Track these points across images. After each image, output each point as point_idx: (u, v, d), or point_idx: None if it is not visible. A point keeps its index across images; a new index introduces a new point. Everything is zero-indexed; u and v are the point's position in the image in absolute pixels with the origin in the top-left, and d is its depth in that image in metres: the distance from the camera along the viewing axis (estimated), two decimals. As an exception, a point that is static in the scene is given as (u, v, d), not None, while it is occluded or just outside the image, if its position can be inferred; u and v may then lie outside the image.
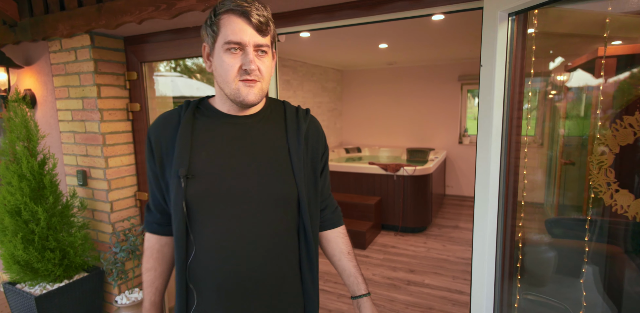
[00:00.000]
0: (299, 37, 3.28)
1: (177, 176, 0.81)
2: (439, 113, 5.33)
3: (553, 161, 2.12)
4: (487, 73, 1.23)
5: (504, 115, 1.24)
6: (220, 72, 0.81)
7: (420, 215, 3.94)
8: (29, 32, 2.06)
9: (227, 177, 0.83)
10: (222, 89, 0.83)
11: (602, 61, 1.27)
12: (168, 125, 0.87)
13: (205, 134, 0.86)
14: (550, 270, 1.98)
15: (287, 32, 1.77)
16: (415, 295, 2.64)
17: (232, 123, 0.88)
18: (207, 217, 0.83)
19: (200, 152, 0.84)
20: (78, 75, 2.03)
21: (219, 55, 0.80)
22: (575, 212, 2.12)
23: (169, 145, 0.85)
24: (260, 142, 0.88)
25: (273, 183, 0.85)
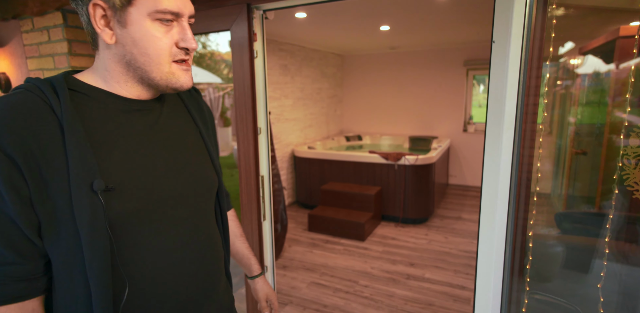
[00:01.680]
0: (294, 19, 3.07)
1: (91, 191, 0.56)
2: (443, 100, 5.13)
3: (562, 150, 1.97)
4: (500, 50, 1.07)
5: (518, 101, 1.08)
6: (147, 50, 0.61)
7: (421, 206, 3.81)
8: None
9: (156, 180, 0.65)
10: (146, 71, 0.63)
11: (637, 37, 1.10)
12: (36, 119, 0.55)
13: (105, 126, 0.62)
14: (558, 265, 1.85)
15: (276, 8, 1.59)
16: (414, 290, 2.53)
17: (138, 109, 0.67)
18: (142, 236, 0.63)
19: (110, 152, 0.61)
20: (52, 57, 1.87)
21: (139, 26, 0.59)
22: (585, 205, 1.98)
23: (50, 151, 0.56)
24: (173, 129, 0.72)
25: (200, 175, 0.73)
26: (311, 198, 4.35)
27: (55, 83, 0.60)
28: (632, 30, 1.34)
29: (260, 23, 1.62)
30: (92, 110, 0.62)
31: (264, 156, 1.70)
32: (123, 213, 0.60)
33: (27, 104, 0.56)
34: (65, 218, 0.57)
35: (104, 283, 0.58)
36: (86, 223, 0.56)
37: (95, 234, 0.57)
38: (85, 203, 0.56)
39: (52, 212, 0.57)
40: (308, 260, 3.05)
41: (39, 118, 0.56)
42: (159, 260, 0.65)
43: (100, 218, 0.57)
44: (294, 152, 4.44)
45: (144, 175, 0.64)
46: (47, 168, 0.55)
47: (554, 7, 1.18)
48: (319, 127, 5.15)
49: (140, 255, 0.63)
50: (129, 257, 0.62)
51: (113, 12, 0.59)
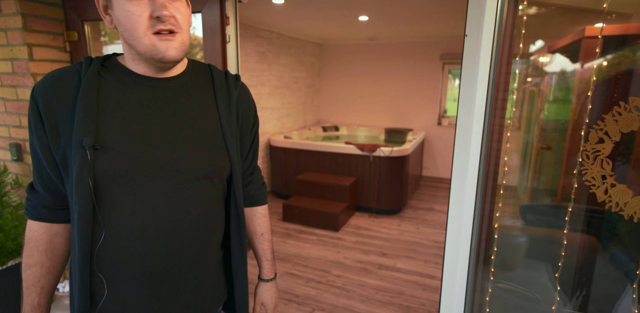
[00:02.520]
0: (272, 4, 2.99)
1: (82, 147, 0.67)
2: (419, 93, 5.18)
3: (529, 145, 2.04)
4: (472, 44, 1.07)
5: (488, 95, 1.09)
6: (127, 25, 0.67)
7: (395, 197, 3.87)
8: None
9: (147, 148, 0.71)
10: (134, 47, 0.69)
11: (599, 37, 1.12)
12: (63, 85, 0.69)
13: (116, 96, 0.72)
14: (521, 255, 1.93)
15: (250, -9, 1.53)
16: (385, 280, 2.59)
17: (150, 86, 0.74)
18: (121, 196, 0.71)
19: (112, 118, 0.70)
20: (4, 32, 1.73)
21: (119, 5, 0.66)
22: (549, 197, 2.06)
23: (66, 110, 0.69)
24: (186, 109, 0.76)
25: (203, 157, 0.76)
26: (286, 188, 4.34)
27: (94, 59, 0.74)
28: (597, 31, 1.38)
29: (233, 6, 1.56)
30: (109, 83, 0.72)
31: (235, 145, 1.66)
32: (106, 170, 0.68)
33: (64, 73, 0.71)
34: (69, 165, 0.69)
35: (84, 227, 0.69)
36: (75, 172, 0.67)
37: (80, 182, 0.67)
38: (77, 156, 0.67)
39: (62, 158, 0.70)
40: (282, 250, 3.05)
41: (66, 84, 0.69)
42: (130, 222, 0.71)
43: (85, 170, 0.67)
44: (270, 141, 4.39)
45: (135, 142, 0.70)
46: (62, 123, 0.69)
47: (525, 3, 1.19)
48: (295, 117, 5.10)
49: (116, 212, 0.71)
50: (107, 211, 0.70)
51: (107, 0, 0.69)
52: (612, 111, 0.78)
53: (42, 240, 0.76)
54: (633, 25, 1.35)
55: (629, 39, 1.36)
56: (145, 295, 0.74)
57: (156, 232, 0.72)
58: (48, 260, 0.77)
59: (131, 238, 0.71)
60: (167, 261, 0.74)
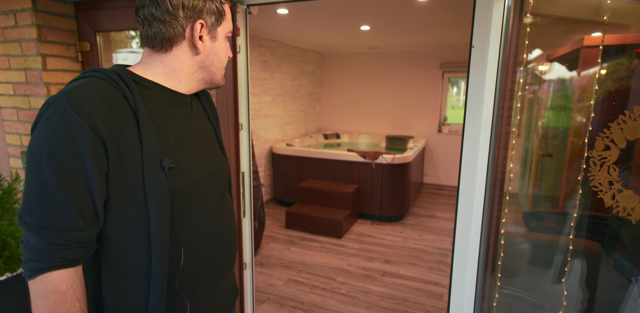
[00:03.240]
0: (276, 15, 3.05)
1: (160, 167, 0.68)
2: (420, 101, 5.24)
3: (529, 152, 2.07)
4: (479, 55, 1.11)
5: (495, 103, 1.13)
6: (222, 58, 0.80)
7: (397, 204, 3.89)
8: (-40, -8, 1.77)
9: (198, 162, 0.78)
10: (214, 74, 0.80)
11: (600, 47, 1.17)
12: (118, 105, 0.66)
13: (162, 115, 0.74)
14: (524, 262, 1.95)
15: (259, 3, 1.58)
16: (390, 287, 2.59)
17: (182, 102, 0.80)
18: (193, 209, 0.76)
19: (167, 137, 0.73)
20: (19, 42, 1.77)
21: (220, 41, 0.79)
22: (550, 204, 2.09)
23: (127, 132, 0.66)
24: (200, 121, 0.85)
25: (220, 162, 0.87)
26: (289, 196, 4.35)
27: (121, 75, 0.70)
28: (595, 41, 1.43)
29: (243, 18, 1.61)
30: (152, 101, 0.73)
31: (244, 152, 1.69)
32: (180, 187, 0.72)
33: (110, 92, 0.66)
34: (135, 191, 0.67)
35: (164, 250, 0.68)
36: (156, 194, 0.67)
37: (162, 205, 0.68)
38: (155, 178, 0.67)
39: (123, 185, 0.66)
40: (285, 257, 3.06)
41: (120, 105, 0.66)
42: (200, 230, 0.77)
43: (166, 191, 0.68)
44: (272, 148, 4.42)
45: (189, 157, 0.76)
46: (125, 147, 0.66)
47: (528, 15, 1.23)
48: (297, 124, 5.14)
49: (188, 225, 0.74)
50: (181, 227, 0.73)
51: (208, 29, 0.76)
52: (618, 119, 0.82)
53: (78, 287, 0.68)
54: (631, 35, 1.40)
55: (627, 49, 1.41)
56: (213, 293, 0.83)
57: (222, 236, 0.82)
58: (84, 304, 0.69)
59: (205, 247, 0.78)
60: (224, 257, 0.84)
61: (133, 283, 0.71)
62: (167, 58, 0.75)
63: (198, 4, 0.72)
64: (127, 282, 0.71)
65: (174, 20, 0.72)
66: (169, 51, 0.74)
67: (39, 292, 0.64)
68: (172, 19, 0.72)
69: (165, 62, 0.75)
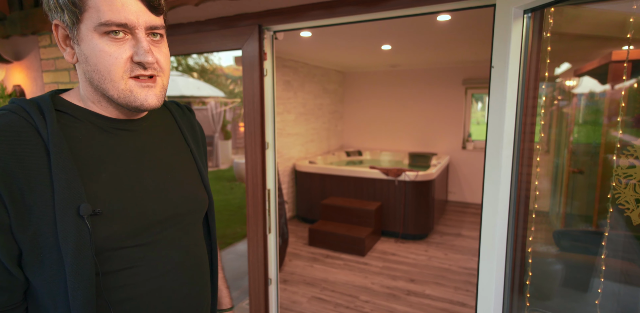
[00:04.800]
0: (299, 37, 3.19)
1: (77, 216, 0.53)
2: (443, 117, 5.23)
3: (560, 169, 2.03)
4: (499, 75, 1.14)
5: (516, 121, 1.15)
6: (99, 66, 0.57)
7: (421, 222, 3.83)
8: (19, 26, 1.98)
9: (144, 203, 0.63)
10: (103, 89, 0.59)
11: (625, 65, 1.17)
12: (21, 143, 0.53)
13: (94, 147, 0.60)
14: (557, 283, 1.88)
15: (285, 30, 1.68)
16: (415, 306, 2.53)
17: (123, 129, 0.64)
18: (130, 263, 0.60)
19: (97, 175, 0.59)
20: (68, 71, 1.94)
21: (90, 42, 0.56)
22: (583, 223, 2.02)
23: (33, 176, 0.53)
24: (163, 149, 0.70)
25: (190, 195, 0.71)
26: (312, 213, 4.37)
27: (41, 103, 0.58)
28: (624, 55, 1.42)
29: (270, 43, 1.70)
30: (78, 131, 0.59)
31: (270, 170, 1.75)
32: (110, 237, 0.57)
33: (12, 127, 0.54)
34: (49, 244, 0.54)
35: (87, 309, 0.55)
36: (71, 249, 0.53)
37: (81, 261, 0.54)
38: (70, 229, 0.53)
39: (34, 239, 0.54)
40: (308, 274, 3.05)
41: (24, 141, 0.54)
42: (149, 284, 0.62)
43: (86, 244, 0.54)
44: (295, 166, 4.49)
45: (132, 198, 0.61)
46: (30, 193, 0.53)
47: (548, 35, 1.26)
48: (320, 142, 5.22)
49: (129, 279, 0.60)
50: (117, 283, 0.59)
51: (69, 31, 0.57)
52: (642, 137, 0.82)
53: None
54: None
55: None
56: None
57: (172, 283, 0.66)
58: None
59: (149, 303, 0.63)
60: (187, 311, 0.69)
61: None
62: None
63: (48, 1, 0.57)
64: None
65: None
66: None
67: None
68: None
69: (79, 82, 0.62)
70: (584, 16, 1.49)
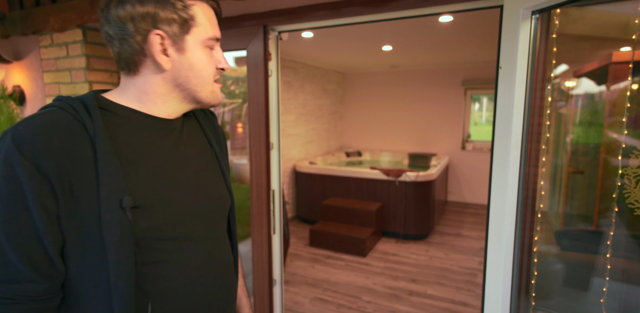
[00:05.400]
0: (301, 38, 3.19)
1: (120, 207, 0.57)
2: (442, 118, 5.24)
3: (559, 169, 2.04)
4: (507, 75, 1.14)
5: (524, 121, 1.15)
6: (200, 72, 0.66)
7: (422, 222, 3.84)
8: (19, 26, 1.96)
9: (178, 198, 0.66)
10: (197, 91, 0.67)
11: (630, 65, 1.18)
12: (69, 136, 0.56)
13: (133, 144, 0.64)
14: (559, 282, 1.89)
15: (290, 30, 1.68)
16: (417, 307, 2.54)
17: (163, 128, 0.69)
18: (164, 256, 0.64)
19: (136, 170, 0.62)
20: (69, 71, 1.93)
21: (195, 52, 0.65)
22: (583, 222, 2.04)
23: (82, 169, 0.56)
24: (192, 148, 0.74)
25: (216, 194, 0.75)
26: (312, 214, 4.37)
27: (86, 101, 0.61)
28: (624, 56, 1.43)
29: (275, 43, 1.70)
30: (121, 129, 0.63)
31: (275, 171, 1.75)
32: (148, 229, 0.61)
33: (61, 122, 0.57)
34: (92, 235, 0.57)
35: (128, 302, 0.58)
36: (114, 240, 0.57)
37: (122, 251, 0.57)
38: (113, 220, 0.56)
39: (79, 229, 0.57)
40: (310, 275, 3.05)
41: (73, 136, 0.57)
42: (181, 277, 0.65)
43: (127, 235, 0.57)
44: (295, 167, 4.49)
45: (167, 192, 0.65)
46: (78, 185, 0.56)
47: (554, 36, 1.27)
48: (320, 143, 5.22)
49: (164, 271, 0.63)
50: (153, 274, 0.62)
51: (172, 40, 0.63)
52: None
53: None
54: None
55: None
56: None
57: (203, 277, 0.69)
58: None
59: (185, 302, 0.66)
60: (216, 306, 0.72)
61: None
62: (137, 80, 0.65)
63: (149, 12, 0.61)
64: None
65: (127, 36, 0.62)
66: (137, 73, 0.65)
67: None
68: (125, 35, 0.62)
69: (137, 85, 0.66)
70: (587, 17, 1.50)
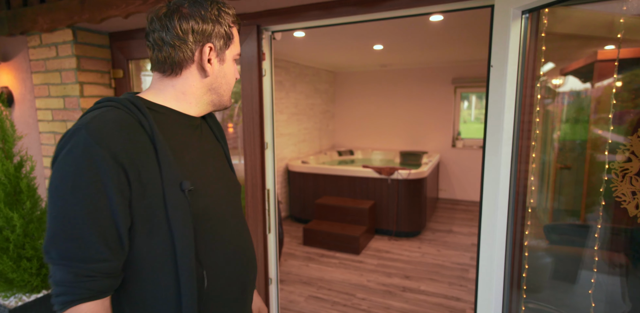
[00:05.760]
0: (292, 37, 3.19)
1: (180, 190, 0.69)
2: (432, 116, 5.30)
3: (547, 165, 2.09)
4: (498, 74, 1.17)
5: (515, 118, 1.18)
6: (230, 80, 0.81)
7: (414, 220, 3.88)
8: (6, 26, 1.93)
9: (212, 183, 0.79)
10: (224, 95, 0.82)
11: (616, 63, 1.22)
12: (133, 132, 0.67)
13: (176, 138, 0.75)
14: (548, 276, 1.94)
15: (284, 30, 1.69)
16: (411, 302, 2.57)
17: (191, 125, 0.81)
18: (210, 232, 0.76)
19: (182, 159, 0.74)
20: (59, 72, 1.90)
21: (229, 64, 0.80)
22: (570, 217, 2.09)
23: (146, 159, 0.67)
24: (208, 141, 0.86)
25: (233, 182, 0.89)
26: (305, 213, 4.38)
27: (134, 101, 0.71)
28: (608, 54, 1.48)
29: (268, 43, 1.71)
30: (163, 124, 0.73)
31: (269, 170, 1.76)
32: (201, 209, 0.73)
33: (126, 120, 0.67)
34: (157, 215, 0.68)
35: (192, 271, 0.69)
36: (178, 218, 0.68)
37: (186, 228, 0.68)
38: (178, 201, 0.68)
39: (147, 211, 0.67)
40: (304, 273, 3.06)
41: (137, 132, 0.67)
42: (222, 249, 0.77)
43: (188, 214, 0.69)
44: (288, 166, 4.49)
45: (205, 178, 0.77)
46: (145, 173, 0.66)
47: (543, 35, 1.30)
48: (312, 142, 5.23)
49: (210, 245, 0.75)
50: (203, 247, 0.74)
51: (217, 52, 0.77)
52: (638, 132, 0.86)
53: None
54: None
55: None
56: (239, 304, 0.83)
57: (243, 255, 0.83)
58: None
59: (228, 268, 0.78)
60: (248, 273, 0.85)
61: (160, 311, 0.70)
62: (177, 82, 0.76)
63: (207, 28, 0.73)
64: (153, 310, 0.70)
65: (183, 44, 0.72)
66: (178, 75, 0.75)
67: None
68: (182, 43, 0.72)
69: (176, 86, 0.76)
70: (574, 16, 1.54)
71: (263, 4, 1.56)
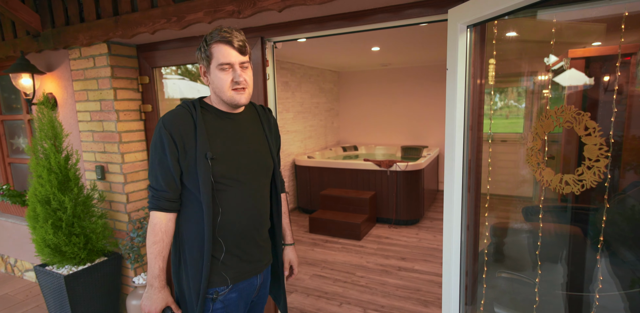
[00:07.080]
0: (295, 42, 3.50)
1: (205, 158, 1.08)
2: (432, 111, 5.55)
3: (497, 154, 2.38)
4: (451, 76, 1.45)
5: (465, 114, 1.46)
6: (218, 85, 1.12)
7: (412, 209, 4.16)
8: (52, 42, 2.29)
9: (237, 157, 1.16)
10: (219, 96, 1.14)
11: (550, 64, 1.50)
12: (186, 121, 1.11)
13: (215, 126, 1.15)
14: (524, 249, 2.20)
15: (283, 40, 2.00)
16: (405, 279, 2.87)
17: (230, 118, 1.20)
18: (228, 187, 1.14)
19: (216, 140, 1.13)
20: (96, 80, 2.26)
21: (214, 74, 1.11)
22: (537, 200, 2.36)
23: (189, 137, 1.10)
24: (249, 131, 1.23)
25: (263, 159, 1.23)
26: (311, 204, 4.70)
27: (194, 103, 1.16)
28: (579, 53, 1.75)
29: (271, 52, 2.02)
30: (210, 118, 1.15)
31: (274, 159, 2.07)
32: (219, 171, 1.11)
33: (181, 113, 1.12)
34: (193, 171, 1.10)
35: (209, 207, 1.10)
36: (202, 174, 1.09)
37: (207, 182, 1.10)
38: (202, 164, 1.09)
39: (187, 167, 1.10)
40: (310, 256, 3.38)
41: (186, 121, 1.11)
42: (235, 200, 1.16)
43: (209, 173, 1.09)
44: (294, 161, 4.82)
45: (231, 153, 1.15)
46: (187, 145, 1.09)
47: (494, 42, 1.58)
48: (317, 139, 5.54)
49: (226, 195, 1.14)
50: (220, 196, 1.13)
51: (205, 69, 1.15)
52: (539, 119, 1.14)
53: (163, 224, 1.13)
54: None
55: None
56: (239, 251, 1.19)
57: (250, 208, 1.18)
58: (167, 237, 1.14)
59: (237, 213, 1.15)
60: (253, 223, 1.20)
61: (196, 223, 1.14)
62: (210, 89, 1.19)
63: (198, 55, 1.14)
64: (191, 224, 1.14)
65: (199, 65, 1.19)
66: None
67: (149, 221, 1.14)
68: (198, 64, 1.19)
69: (210, 91, 1.19)
70: (523, 25, 1.82)
71: (265, 19, 1.87)
